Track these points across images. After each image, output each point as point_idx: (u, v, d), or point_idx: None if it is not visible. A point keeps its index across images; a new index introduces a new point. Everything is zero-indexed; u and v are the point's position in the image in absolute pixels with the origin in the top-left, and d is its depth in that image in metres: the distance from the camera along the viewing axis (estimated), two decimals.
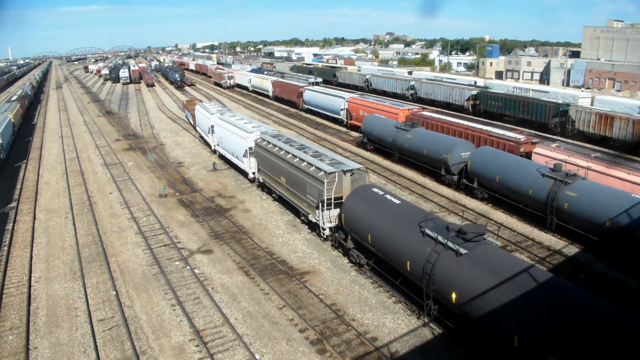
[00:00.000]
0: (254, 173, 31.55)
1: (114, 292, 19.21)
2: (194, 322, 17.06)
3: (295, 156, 24.81)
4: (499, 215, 26.20)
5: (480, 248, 14.53)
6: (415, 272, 16.01)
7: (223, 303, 18.33)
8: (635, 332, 10.70)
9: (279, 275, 20.32)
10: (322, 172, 21.60)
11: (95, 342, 16.03)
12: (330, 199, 21.36)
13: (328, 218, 21.99)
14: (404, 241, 16.74)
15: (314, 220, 22.97)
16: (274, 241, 23.82)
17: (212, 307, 18.02)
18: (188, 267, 21.21)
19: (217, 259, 22.04)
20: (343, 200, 21.01)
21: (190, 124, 53.40)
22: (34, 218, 27.83)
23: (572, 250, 22.07)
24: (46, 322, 17.41)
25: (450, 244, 14.85)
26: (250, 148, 30.70)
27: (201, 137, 46.07)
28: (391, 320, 16.99)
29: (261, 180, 30.17)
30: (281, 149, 26.54)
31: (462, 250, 14.46)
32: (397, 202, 18.80)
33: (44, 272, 21.25)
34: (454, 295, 14.23)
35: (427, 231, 15.89)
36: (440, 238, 15.25)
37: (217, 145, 39.40)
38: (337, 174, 21.35)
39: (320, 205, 21.84)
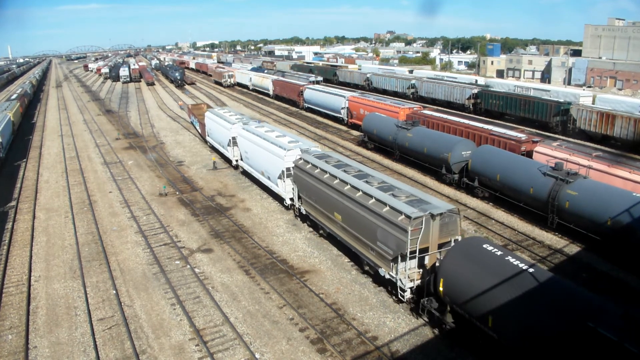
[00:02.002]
0: (292, 200, 26.15)
1: (114, 291, 19.16)
2: (194, 322, 17.02)
3: (356, 188, 19.28)
4: (500, 214, 26.13)
5: None
6: None
7: (223, 302, 18.28)
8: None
9: (279, 274, 20.27)
10: (403, 216, 16.41)
11: (95, 342, 15.99)
12: (415, 251, 16.28)
13: (408, 275, 17.09)
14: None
15: (387, 277, 17.83)
16: (275, 240, 23.76)
17: (212, 306, 17.97)
18: (188, 266, 21.16)
19: (217, 258, 21.99)
20: (429, 252, 16.71)
21: (198, 131, 47.90)
22: (34, 217, 27.79)
23: (573, 249, 22.00)
24: (46, 322, 17.37)
25: None
26: (287, 169, 25.56)
27: (212, 147, 41.37)
28: (392, 319, 16.94)
29: (303, 211, 24.61)
30: (333, 176, 21.05)
31: None
32: (527, 268, 13.38)
33: (43, 271, 21.21)
34: None
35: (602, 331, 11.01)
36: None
37: (240, 160, 34.15)
38: (424, 219, 16.21)
39: (399, 259, 16.94)
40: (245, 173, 33.50)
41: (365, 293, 18.68)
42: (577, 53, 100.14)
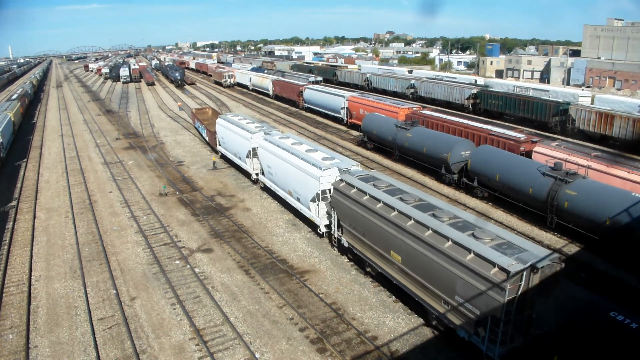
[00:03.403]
0: (327, 227, 22.63)
1: (114, 291, 19.21)
2: (194, 321, 17.07)
3: (424, 225, 15.48)
4: (499, 214, 26.19)
5: None
6: None
7: (223, 302, 18.33)
8: None
9: (279, 274, 20.32)
10: (496, 269, 12.87)
11: (95, 341, 16.03)
12: (511, 312, 12.86)
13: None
14: None
15: (468, 338, 14.50)
16: (274, 240, 23.82)
17: (212, 306, 18.02)
18: (188, 266, 21.21)
19: (217, 258, 22.04)
20: (524, 312, 13.16)
21: (205, 139, 44.21)
22: (34, 217, 27.83)
23: (572, 249, 22.06)
24: (46, 321, 17.41)
25: None
26: (323, 192, 22.14)
27: (223, 157, 38.15)
28: (391, 319, 16.99)
29: (344, 243, 20.74)
30: (390, 206, 17.16)
31: None
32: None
33: (44, 270, 21.26)
34: None
35: None
36: None
37: (261, 174, 30.53)
38: (524, 273, 12.64)
39: (488, 321, 13.31)
40: (267, 189, 29.81)
41: (364, 293, 18.73)
42: (576, 53, 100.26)
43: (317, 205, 22.70)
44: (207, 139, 42.85)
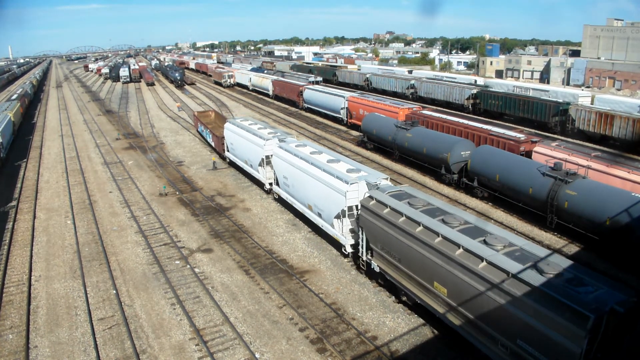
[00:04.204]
0: (353, 247, 20.50)
1: (114, 291, 19.21)
2: (194, 321, 17.06)
3: (476, 255, 13.44)
4: (499, 215, 26.20)
5: None
6: None
7: (223, 302, 18.33)
8: None
9: (279, 274, 20.32)
10: (570, 314, 10.95)
11: (95, 341, 16.03)
12: None
13: None
14: None
15: None
16: (274, 240, 23.81)
17: (212, 306, 18.02)
18: (188, 266, 21.21)
19: (217, 258, 22.04)
20: None
21: (210, 144, 41.84)
22: (34, 217, 27.83)
23: (572, 249, 22.07)
24: (46, 321, 17.41)
25: None
26: (350, 208, 20.12)
27: (231, 163, 36.49)
28: (391, 319, 17.00)
29: (375, 268, 18.37)
30: (432, 230, 14.99)
31: None
32: None
33: (44, 270, 21.25)
34: None
35: None
36: None
37: (275, 185, 28.20)
38: (604, 319, 10.81)
39: None
40: (281, 200, 27.95)
41: (364, 293, 18.73)
42: (575, 53, 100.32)
43: (342, 222, 20.55)
44: (212, 144, 41.13)
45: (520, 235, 23.47)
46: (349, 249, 20.73)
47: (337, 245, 22.03)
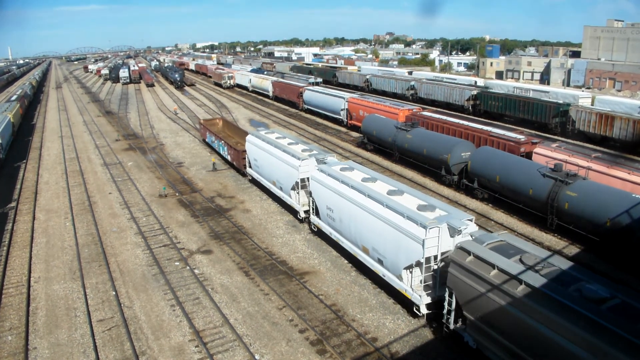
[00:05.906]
0: (429, 307, 16.49)
1: (114, 293, 19.17)
2: (194, 323, 17.02)
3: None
4: (500, 216, 26.17)
5: None
6: None
7: (223, 303, 18.29)
8: None
9: (278, 276, 20.28)
10: None
11: (94, 343, 15.99)
12: None
13: None
14: None
15: None
16: (274, 241, 23.78)
17: (211, 308, 17.98)
18: (188, 267, 21.17)
19: (216, 260, 22.00)
20: None
21: (227, 158, 37.04)
22: (34, 218, 27.79)
23: (572, 250, 22.04)
24: (45, 323, 17.37)
25: None
26: (427, 260, 15.83)
27: (252, 180, 32.23)
28: (391, 320, 16.96)
29: (470, 341, 14.48)
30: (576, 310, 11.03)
31: None
32: None
33: (43, 272, 21.21)
34: None
35: None
36: None
37: (315, 215, 23.60)
38: None
39: None
40: (321, 233, 23.45)
41: (364, 294, 18.69)
42: (576, 54, 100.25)
43: (412, 274, 16.79)
44: (228, 158, 36.43)
45: (520, 236, 23.46)
46: (424, 310, 16.52)
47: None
